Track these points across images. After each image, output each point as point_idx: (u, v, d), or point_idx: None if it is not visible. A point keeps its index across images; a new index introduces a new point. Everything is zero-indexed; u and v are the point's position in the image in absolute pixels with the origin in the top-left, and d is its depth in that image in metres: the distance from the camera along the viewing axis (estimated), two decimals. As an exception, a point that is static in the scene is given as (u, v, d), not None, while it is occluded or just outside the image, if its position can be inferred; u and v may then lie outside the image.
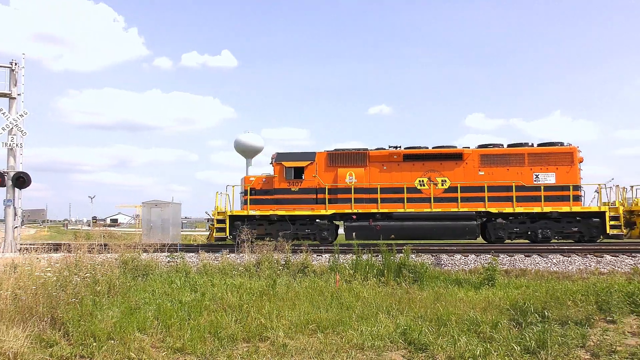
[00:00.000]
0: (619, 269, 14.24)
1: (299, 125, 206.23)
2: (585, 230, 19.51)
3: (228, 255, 15.66)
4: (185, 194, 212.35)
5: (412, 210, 19.86)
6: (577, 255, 16.07)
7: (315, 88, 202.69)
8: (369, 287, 11.07)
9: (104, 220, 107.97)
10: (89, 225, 76.47)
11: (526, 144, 20.51)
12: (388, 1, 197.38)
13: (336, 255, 13.99)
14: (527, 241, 20.19)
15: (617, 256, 15.82)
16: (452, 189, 20.00)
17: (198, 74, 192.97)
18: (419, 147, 20.67)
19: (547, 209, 19.44)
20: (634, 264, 14.80)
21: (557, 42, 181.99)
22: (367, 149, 20.77)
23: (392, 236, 19.65)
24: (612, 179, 24.15)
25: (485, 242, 20.54)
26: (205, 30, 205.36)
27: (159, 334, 7.51)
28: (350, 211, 19.96)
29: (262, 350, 6.95)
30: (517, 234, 19.97)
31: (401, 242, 19.81)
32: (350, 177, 20.31)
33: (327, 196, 20.10)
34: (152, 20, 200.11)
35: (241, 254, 15.77)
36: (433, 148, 20.64)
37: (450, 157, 20.30)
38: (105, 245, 14.82)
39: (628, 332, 7.80)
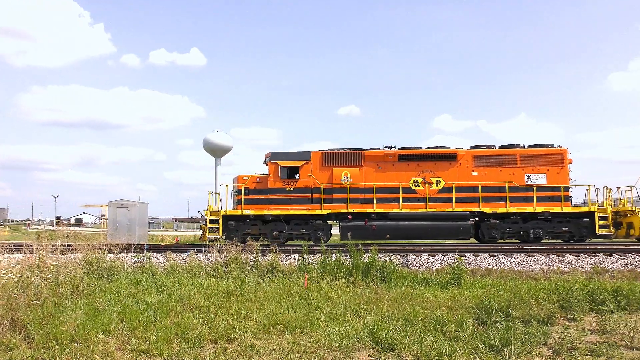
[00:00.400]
0: (580, 268, 14.66)
1: (268, 125, 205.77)
2: (575, 230, 20.04)
3: (196, 256, 15.50)
4: (153, 194, 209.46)
5: (408, 210, 19.99)
6: (540, 255, 16.46)
7: (286, 88, 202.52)
8: (337, 287, 11.10)
9: (68, 220, 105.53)
10: (52, 225, 74.53)
11: (518, 145, 20.89)
12: (358, 1, 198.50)
13: (305, 256, 14.00)
14: (517, 241, 20.62)
15: (578, 256, 16.26)
16: (447, 189, 20.21)
17: (166, 72, 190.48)
18: (413, 148, 20.86)
19: (539, 209, 19.86)
20: (594, 263, 15.25)
21: (523, 45, 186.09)
22: (361, 149, 20.83)
23: (388, 236, 19.81)
24: (574, 180, 25.15)
25: (477, 241, 20.87)
26: (174, 28, 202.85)
27: (124, 336, 7.38)
28: (346, 211, 19.98)
29: (230, 351, 6.90)
30: (509, 234, 20.35)
31: (396, 242, 20.06)
32: (345, 176, 20.34)
33: (322, 196, 20.07)
34: (119, 16, 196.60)
35: (209, 255, 15.63)
36: (427, 148, 20.88)
37: (445, 157, 20.53)
38: (69, 245, 14.48)
39: (588, 329, 8.02)
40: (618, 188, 20.92)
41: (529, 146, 20.90)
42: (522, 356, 6.60)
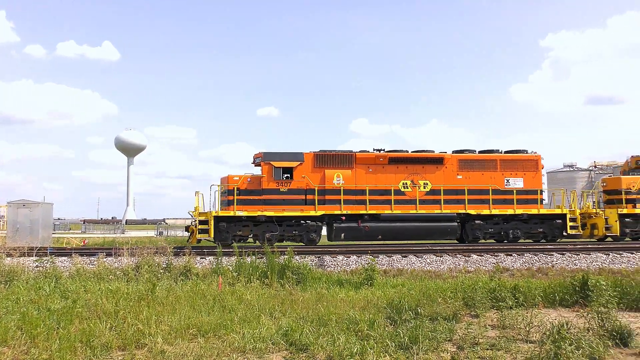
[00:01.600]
0: (483, 267, 15.52)
1: (185, 124, 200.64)
2: (549, 230, 21.44)
3: (105, 259, 14.82)
4: (60, 194, 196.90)
5: (399, 212, 20.43)
6: (448, 255, 17.25)
7: (203, 86, 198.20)
8: (252, 290, 11.05)
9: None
10: (-58, 227, 68.43)
11: (497, 151, 22.13)
12: (279, 4, 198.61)
13: (219, 258, 13.80)
14: (493, 241, 21.80)
15: (482, 255, 17.21)
16: (434, 192, 20.90)
17: (76, 66, 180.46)
18: (401, 151, 21.48)
19: (518, 211, 21.08)
20: (496, 262, 16.19)
21: (435, 53, 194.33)
22: (352, 151, 21.12)
23: (380, 237, 20.14)
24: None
25: (457, 242, 21.67)
26: (84, 19, 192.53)
27: (23, 345, 6.93)
28: (339, 212, 20.04)
29: (139, 358, 6.68)
30: (491, 234, 21.38)
31: (388, 242, 20.63)
32: (338, 178, 20.43)
33: (316, 197, 19.96)
34: (23, 4, 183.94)
35: (119, 257, 15.01)
36: (412, 152, 21.55)
37: (432, 161, 21.25)
38: (-39, 249, 13.40)
39: (489, 325, 8.52)
40: (583, 192, 23.26)
41: (506, 152, 22.28)
42: (429, 352, 6.89)
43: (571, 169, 53.60)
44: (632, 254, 17.51)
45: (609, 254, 17.45)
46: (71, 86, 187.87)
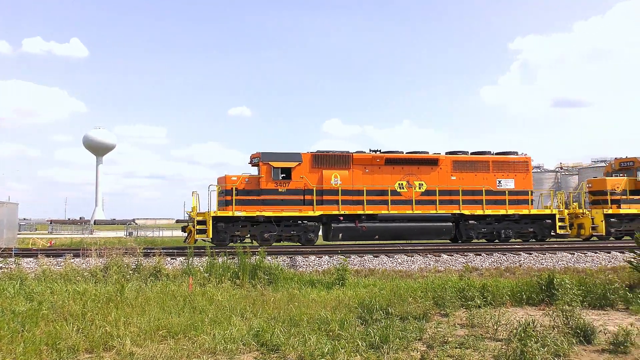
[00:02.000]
0: (453, 267, 15.73)
1: (155, 123, 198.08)
2: (539, 230, 22.08)
3: (72, 260, 14.54)
4: (25, 193, 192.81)
5: (396, 212, 20.66)
6: (419, 255, 17.44)
7: (174, 85, 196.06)
8: (224, 290, 10.97)
9: None
10: None
11: (489, 152, 22.62)
12: (251, 4, 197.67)
13: (190, 259, 13.67)
14: (484, 240, 22.24)
15: (452, 255, 17.45)
16: (429, 192, 21.25)
17: (43, 62, 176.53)
18: (397, 152, 21.74)
19: (510, 212, 21.62)
20: (465, 262, 16.44)
21: (405, 56, 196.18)
22: (348, 152, 21.29)
23: (377, 237, 20.34)
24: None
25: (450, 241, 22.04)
26: (51, 15, 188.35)
27: (-15, 349, 6.74)
28: (337, 212, 20.17)
29: (107, 360, 6.57)
30: (483, 234, 21.83)
31: (385, 242, 20.92)
32: (335, 179, 20.56)
33: (315, 197, 19.97)
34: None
35: (87, 258, 14.74)
36: (407, 153, 21.81)
37: (427, 162, 21.58)
38: None
39: (458, 324, 8.64)
40: (570, 193, 24.16)
41: (496, 153, 22.76)
42: (400, 352, 6.94)
43: (539, 170, 54.78)
44: (596, 253, 17.99)
45: (574, 254, 17.89)
46: (38, 83, 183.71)
